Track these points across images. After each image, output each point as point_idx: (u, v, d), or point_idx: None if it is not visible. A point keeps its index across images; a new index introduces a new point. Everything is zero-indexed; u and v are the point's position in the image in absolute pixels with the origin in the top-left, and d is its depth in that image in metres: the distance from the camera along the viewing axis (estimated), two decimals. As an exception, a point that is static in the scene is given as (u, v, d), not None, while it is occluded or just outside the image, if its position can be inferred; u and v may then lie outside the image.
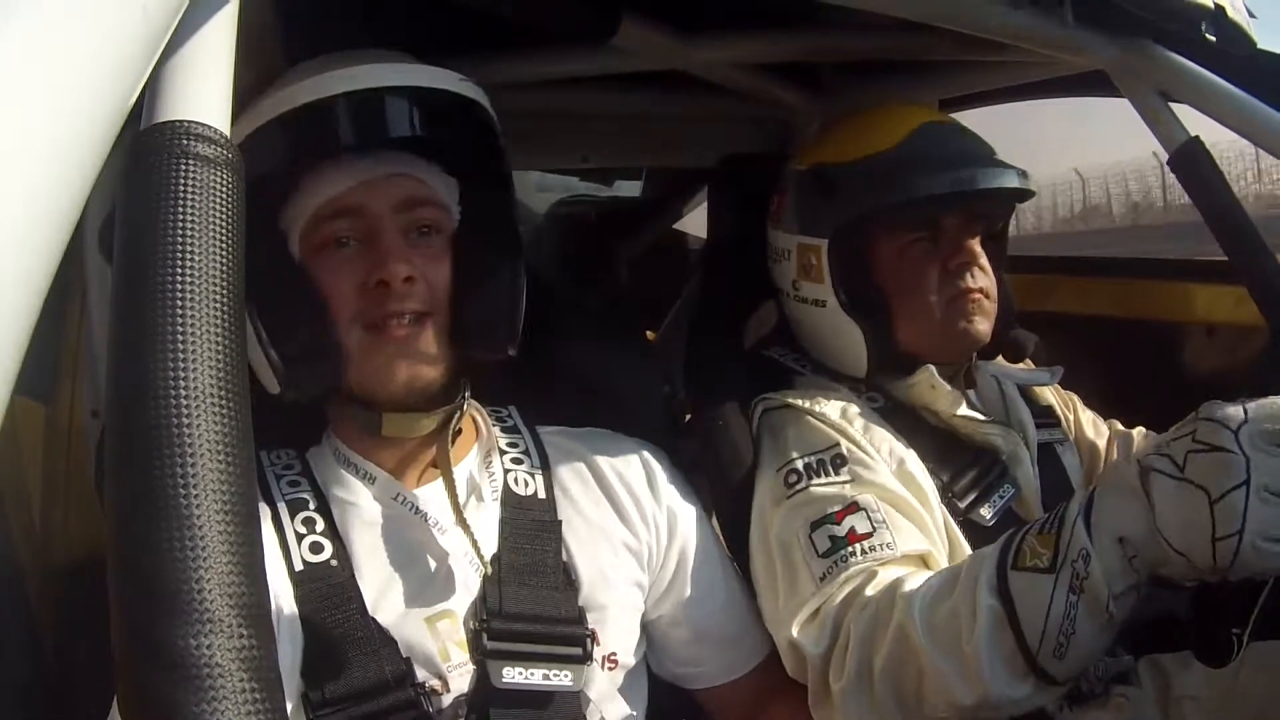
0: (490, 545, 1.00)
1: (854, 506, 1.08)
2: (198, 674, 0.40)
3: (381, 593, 0.96)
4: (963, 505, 1.18)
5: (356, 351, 0.97)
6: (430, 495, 1.02)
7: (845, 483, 1.12)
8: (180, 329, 0.41)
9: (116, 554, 0.42)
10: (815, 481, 1.12)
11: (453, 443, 1.03)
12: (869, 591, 1.01)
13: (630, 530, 1.09)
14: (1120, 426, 1.45)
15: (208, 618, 0.41)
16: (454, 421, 1.03)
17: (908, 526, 1.09)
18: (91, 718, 0.79)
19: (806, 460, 1.14)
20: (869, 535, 1.06)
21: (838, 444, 1.15)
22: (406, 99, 0.96)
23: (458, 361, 1.02)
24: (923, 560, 1.09)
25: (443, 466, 1.01)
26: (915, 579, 1.00)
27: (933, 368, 1.23)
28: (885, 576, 1.03)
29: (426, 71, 0.97)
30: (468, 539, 0.98)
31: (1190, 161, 1.24)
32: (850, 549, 1.05)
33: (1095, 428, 1.43)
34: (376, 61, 0.97)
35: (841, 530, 1.07)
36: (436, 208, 1.02)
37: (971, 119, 1.35)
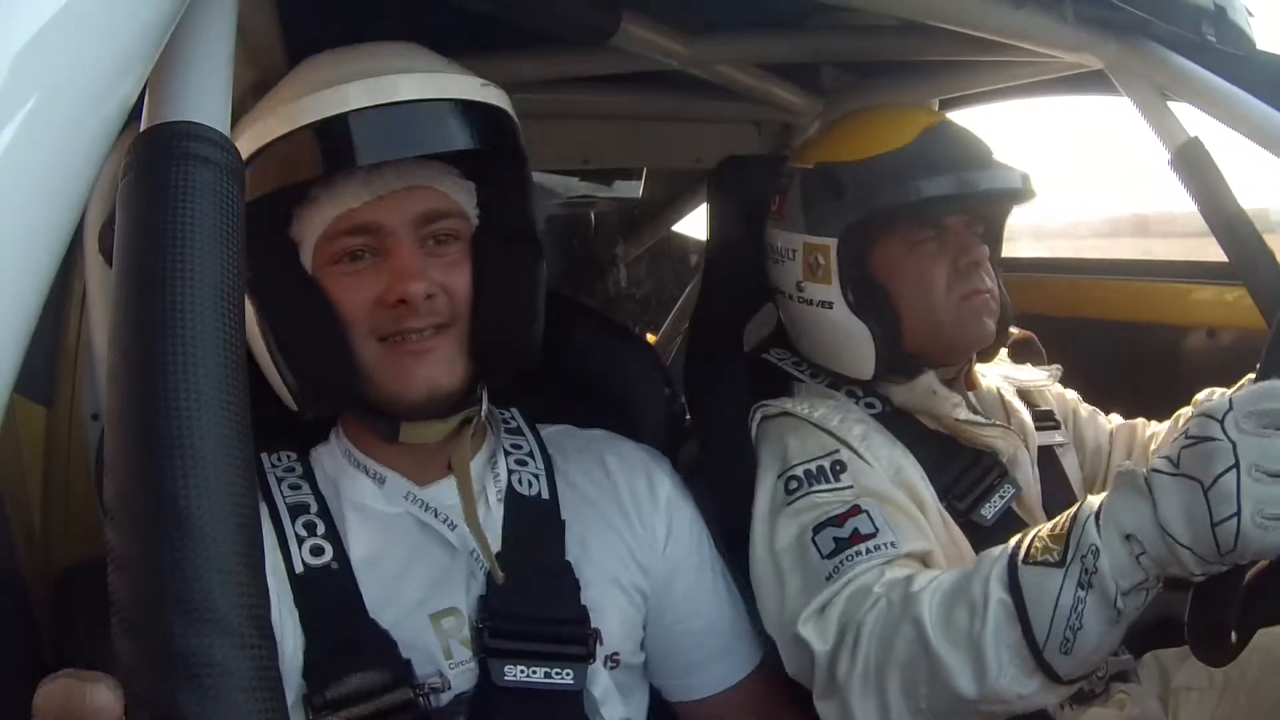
0: (495, 545, 1.00)
1: (855, 510, 1.09)
2: (202, 674, 0.40)
3: (385, 592, 0.96)
4: (962, 506, 1.18)
5: (373, 364, 0.95)
6: (440, 494, 1.02)
7: (846, 488, 1.12)
8: (181, 330, 0.41)
9: (117, 555, 0.42)
10: (816, 488, 1.13)
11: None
12: (877, 589, 1.02)
13: (631, 533, 1.09)
14: (1120, 418, 1.45)
15: (211, 619, 0.41)
16: (471, 426, 1.02)
17: (908, 526, 1.10)
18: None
19: (807, 467, 1.14)
20: (872, 535, 1.06)
21: (837, 450, 1.15)
22: (427, 111, 0.91)
23: (476, 370, 1.00)
24: (923, 560, 1.09)
25: (459, 470, 1.01)
26: (924, 575, 1.00)
27: (933, 374, 1.23)
28: (891, 574, 1.03)
29: (449, 80, 0.93)
30: (476, 539, 0.98)
31: (1190, 162, 1.24)
32: (855, 549, 1.06)
33: (1096, 427, 1.43)
34: (394, 61, 0.92)
35: (845, 532, 1.07)
36: (456, 218, 0.99)
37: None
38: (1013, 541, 0.94)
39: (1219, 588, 0.87)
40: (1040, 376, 1.41)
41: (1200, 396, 1.26)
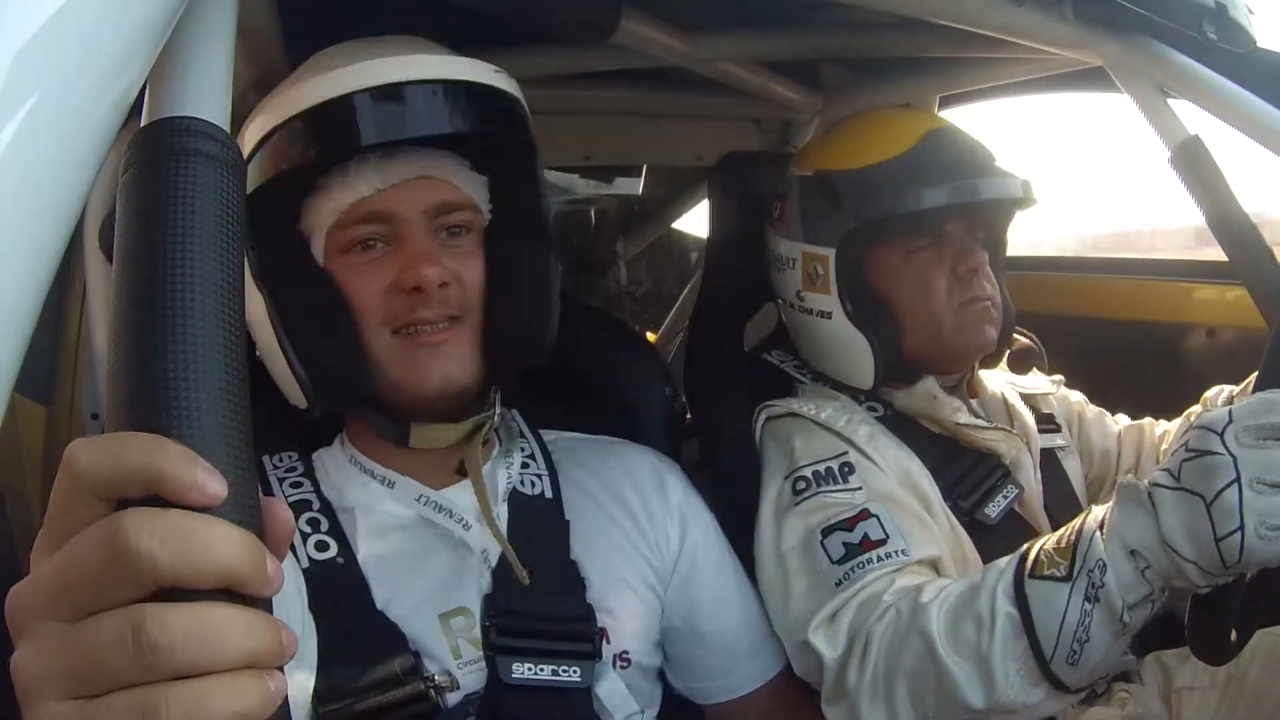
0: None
1: (865, 513, 1.08)
2: None
3: (394, 589, 0.96)
4: (966, 505, 1.18)
5: (386, 357, 0.94)
6: (454, 497, 1.01)
7: (855, 490, 1.11)
8: (182, 328, 0.41)
9: None
10: (825, 489, 1.12)
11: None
12: (887, 598, 1.02)
13: (641, 535, 1.08)
14: (1127, 419, 1.45)
15: None
16: (484, 430, 1.01)
17: (918, 531, 1.10)
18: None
19: (815, 468, 1.14)
20: (883, 542, 1.06)
21: (845, 452, 1.15)
22: (439, 94, 0.90)
23: (490, 368, 0.99)
24: (934, 566, 1.09)
25: (473, 474, 0.99)
26: (932, 586, 1.00)
27: (933, 379, 1.23)
28: (902, 582, 1.03)
29: (460, 63, 0.92)
30: (492, 536, 0.98)
31: (1190, 160, 1.23)
32: (866, 555, 1.05)
33: (1102, 430, 1.43)
34: (403, 49, 0.92)
35: (855, 537, 1.07)
36: (468, 210, 0.99)
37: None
38: (1018, 553, 0.94)
39: (1220, 590, 0.87)
40: (1044, 385, 1.41)
41: (1210, 394, 1.26)
